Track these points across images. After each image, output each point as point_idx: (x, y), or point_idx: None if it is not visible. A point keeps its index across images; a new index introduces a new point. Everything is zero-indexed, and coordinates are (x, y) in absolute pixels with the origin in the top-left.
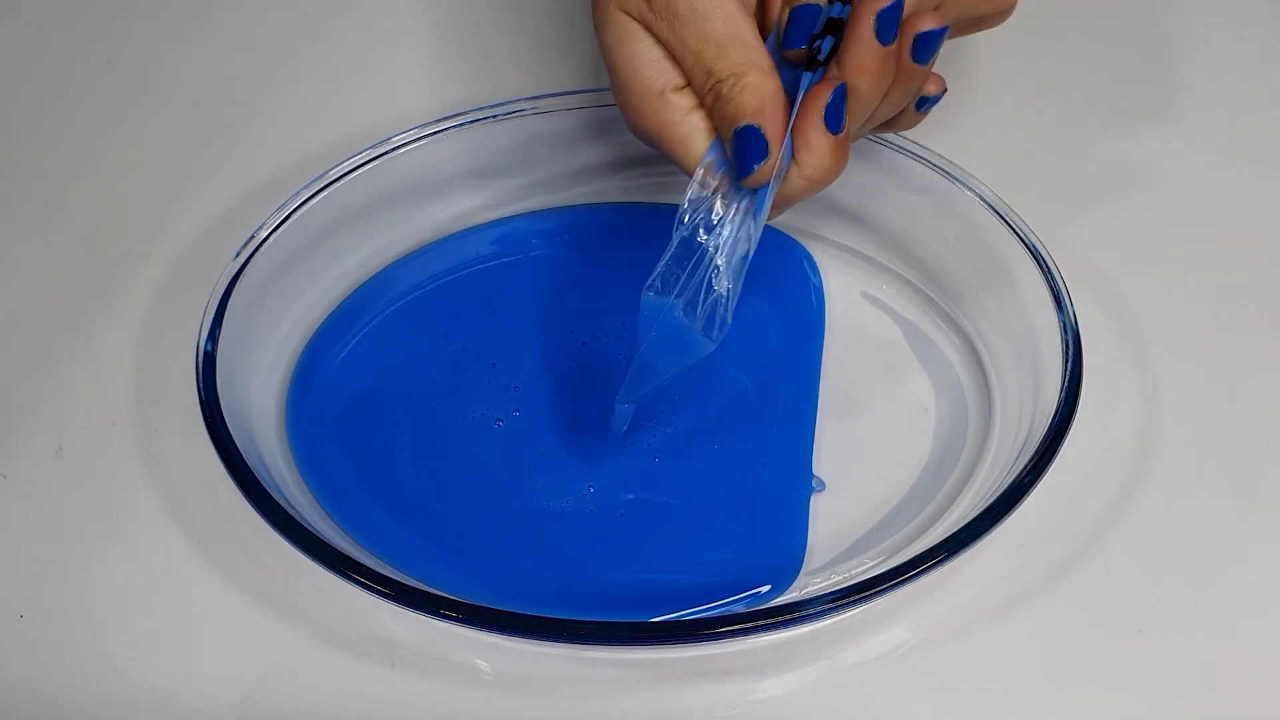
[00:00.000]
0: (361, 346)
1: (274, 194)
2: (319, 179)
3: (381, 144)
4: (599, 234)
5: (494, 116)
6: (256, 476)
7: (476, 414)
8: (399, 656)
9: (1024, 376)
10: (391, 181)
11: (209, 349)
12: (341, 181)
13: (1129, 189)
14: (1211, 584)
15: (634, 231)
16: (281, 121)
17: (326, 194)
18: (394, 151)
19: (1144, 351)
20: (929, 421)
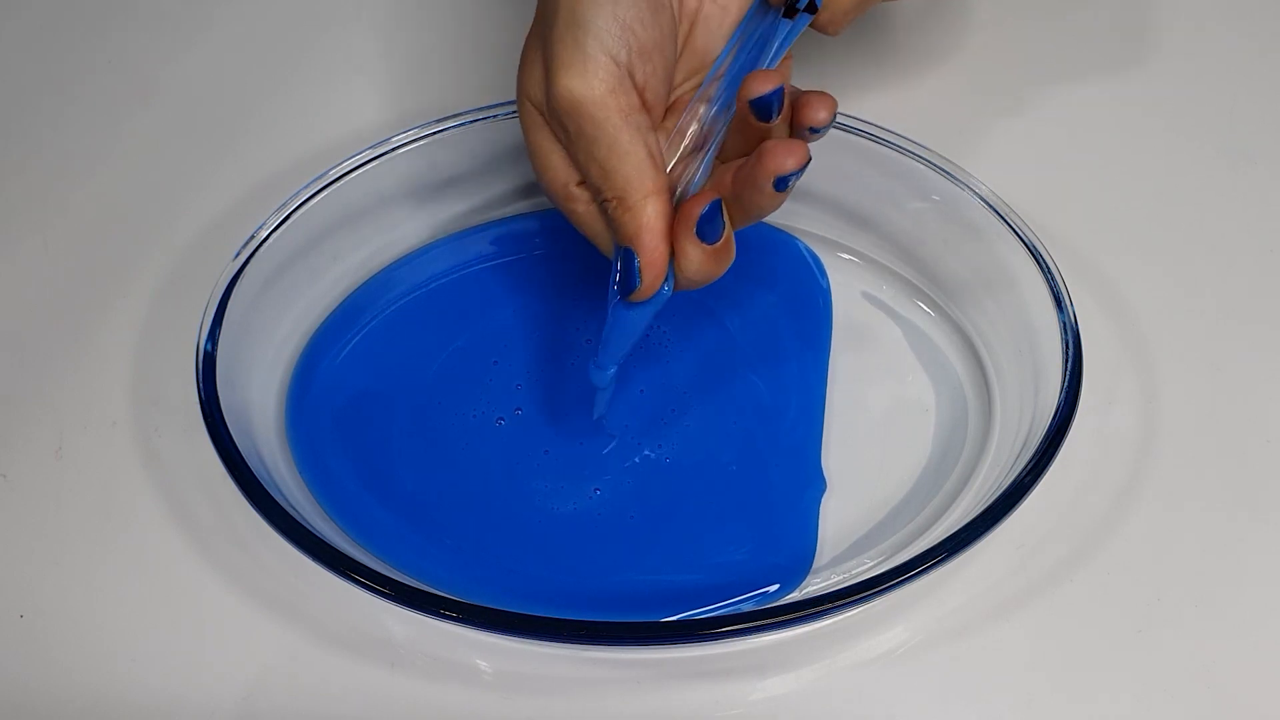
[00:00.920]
0: (361, 346)
1: (274, 194)
2: (319, 179)
3: (381, 144)
4: None
5: (494, 117)
6: (256, 476)
7: (478, 413)
8: (399, 656)
9: (1024, 376)
10: (391, 181)
11: (209, 349)
12: (341, 181)
13: (1129, 189)
14: (1211, 584)
15: None
16: (281, 122)
17: (326, 194)
18: (394, 151)
19: (1144, 351)
20: (929, 421)
